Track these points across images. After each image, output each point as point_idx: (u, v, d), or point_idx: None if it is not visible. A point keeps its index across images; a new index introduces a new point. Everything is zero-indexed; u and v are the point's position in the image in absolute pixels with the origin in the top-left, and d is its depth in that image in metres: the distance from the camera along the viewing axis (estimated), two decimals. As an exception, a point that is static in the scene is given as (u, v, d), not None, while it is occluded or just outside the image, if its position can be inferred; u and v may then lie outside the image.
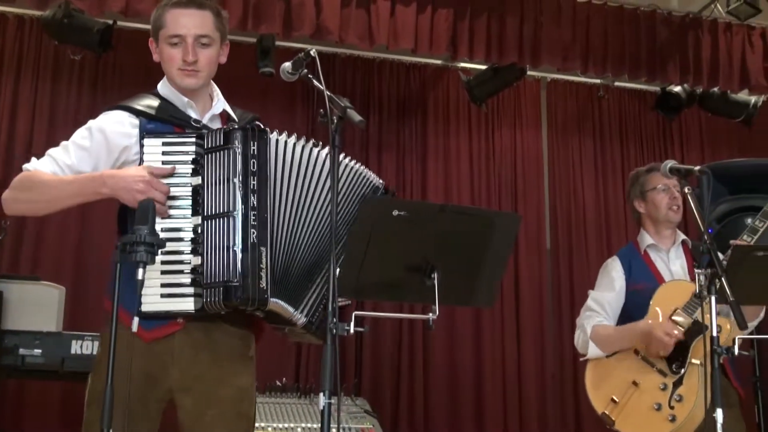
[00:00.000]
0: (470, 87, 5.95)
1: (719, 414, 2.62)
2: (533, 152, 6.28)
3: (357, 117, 2.33)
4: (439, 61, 6.14)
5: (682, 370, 3.38)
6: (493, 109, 6.22)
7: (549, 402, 5.82)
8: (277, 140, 2.51)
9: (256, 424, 2.81)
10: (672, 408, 3.37)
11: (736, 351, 2.74)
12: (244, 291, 2.37)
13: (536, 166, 6.27)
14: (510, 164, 6.21)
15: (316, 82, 2.43)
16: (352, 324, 2.23)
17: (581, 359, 3.71)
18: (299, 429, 4.32)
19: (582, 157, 6.35)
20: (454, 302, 2.55)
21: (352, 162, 2.61)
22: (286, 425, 4.35)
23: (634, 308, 3.59)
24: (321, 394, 2.18)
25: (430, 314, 2.34)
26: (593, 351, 3.61)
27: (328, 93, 2.35)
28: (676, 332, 3.37)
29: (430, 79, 6.21)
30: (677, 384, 3.38)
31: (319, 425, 2.22)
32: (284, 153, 2.50)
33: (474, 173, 6.13)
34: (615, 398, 3.52)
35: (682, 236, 3.76)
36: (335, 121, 2.34)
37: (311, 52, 2.46)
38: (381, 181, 2.69)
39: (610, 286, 3.72)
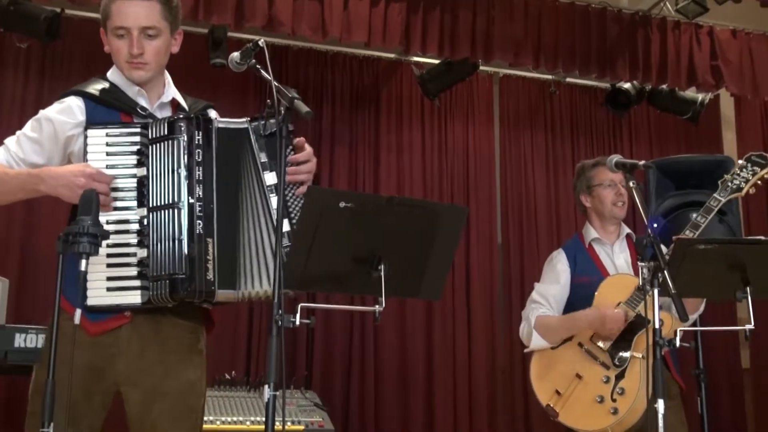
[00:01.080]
0: (423, 81, 5.96)
1: (660, 405, 2.66)
2: (485, 146, 6.31)
3: (304, 108, 2.33)
4: (392, 55, 6.14)
5: (625, 364, 3.44)
6: (445, 104, 6.24)
7: (499, 395, 5.87)
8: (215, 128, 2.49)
9: (205, 418, 2.79)
10: (614, 401, 3.42)
11: (678, 343, 2.79)
12: (191, 283, 2.36)
13: (488, 161, 6.30)
14: (462, 158, 6.24)
15: (264, 73, 2.42)
16: (297, 316, 2.23)
17: (525, 351, 3.76)
18: (248, 422, 4.30)
19: (533, 151, 6.40)
20: (401, 294, 2.56)
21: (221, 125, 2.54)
22: (235, 419, 4.33)
23: (578, 301, 3.64)
24: (266, 387, 2.18)
25: (377, 306, 2.35)
26: (537, 341, 3.67)
27: (276, 84, 2.35)
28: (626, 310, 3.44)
29: (383, 73, 6.21)
30: (619, 377, 3.44)
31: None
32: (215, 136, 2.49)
33: (426, 167, 6.15)
34: (559, 390, 3.56)
35: (627, 230, 3.82)
36: (282, 112, 2.33)
37: (260, 43, 2.45)
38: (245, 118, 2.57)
39: (555, 279, 3.77)
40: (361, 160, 6.02)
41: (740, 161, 3.60)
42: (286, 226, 2.41)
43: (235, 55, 2.49)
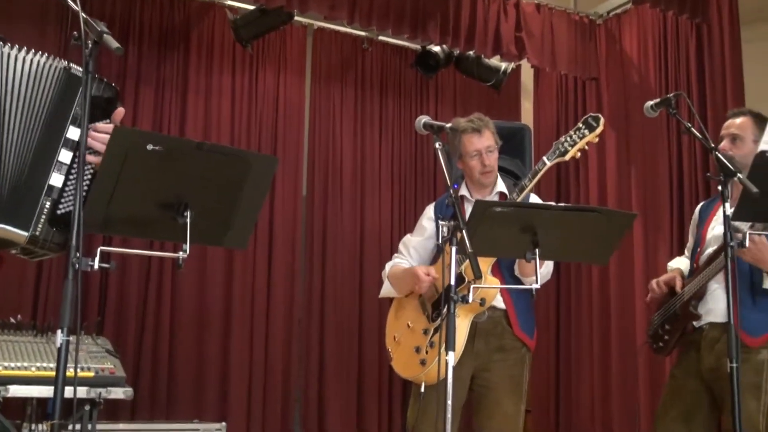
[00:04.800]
0: (236, 26, 5.83)
1: (450, 357, 2.80)
2: (295, 98, 6.28)
3: (114, 43, 2.23)
4: (206, -4, 5.96)
5: (439, 318, 3.56)
6: (258, 51, 6.14)
7: (294, 345, 5.94)
8: (8, 54, 2.34)
9: (-14, 362, 2.65)
10: (426, 353, 3.56)
11: (471, 299, 2.94)
12: None
13: (298, 112, 6.28)
14: (272, 108, 6.18)
15: (71, 3, 2.28)
16: (96, 260, 2.16)
17: (379, 296, 3.96)
18: (33, 368, 4.12)
19: (343, 106, 6.44)
20: (206, 242, 2.54)
21: (31, 54, 2.43)
22: (20, 364, 4.14)
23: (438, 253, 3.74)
24: (59, 332, 2.10)
25: (180, 253, 2.31)
26: (385, 288, 3.87)
27: (84, 15, 2.22)
28: (434, 273, 3.55)
29: (194, 14, 6.01)
30: (436, 330, 3.56)
31: (55, 364, 2.14)
32: (15, 67, 2.34)
33: (235, 114, 6.04)
34: (396, 336, 3.71)
35: (501, 188, 3.85)
36: (90, 45, 2.22)
37: (67, -30, 2.31)
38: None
39: (420, 231, 3.90)
40: (167, 102, 5.83)
41: (581, 120, 3.64)
42: (57, 182, 2.33)
43: (40, -19, 2.34)
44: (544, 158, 3.61)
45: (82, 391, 4.06)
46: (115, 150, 2.20)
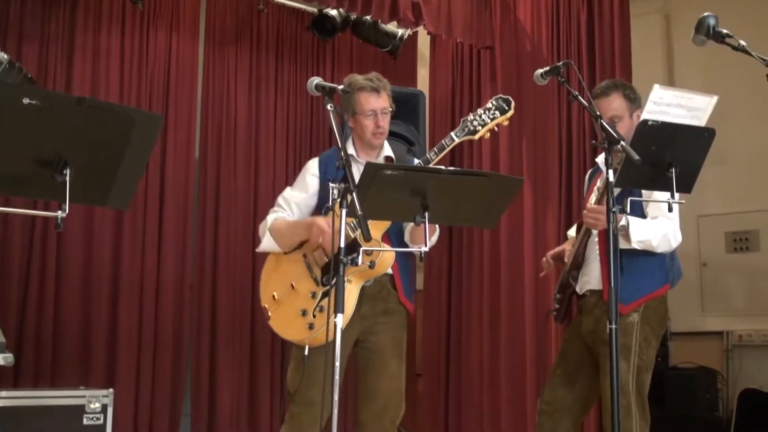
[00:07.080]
0: (126, -18, 5.64)
1: (339, 319, 2.81)
2: (188, 59, 6.12)
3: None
4: (93, -50, 5.73)
5: (331, 283, 3.54)
6: (149, 10, 5.94)
7: (186, 309, 5.85)
8: None
9: None
10: (314, 317, 3.55)
11: (360, 262, 2.95)
12: None
13: (191, 74, 6.12)
14: (164, 69, 6.00)
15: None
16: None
17: (257, 250, 3.85)
18: None
19: (237, 69, 6.32)
20: (88, 201, 2.47)
21: None
22: None
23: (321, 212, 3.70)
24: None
25: (59, 212, 2.24)
26: (266, 243, 3.74)
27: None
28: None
29: (82, -32, 5.78)
30: (325, 295, 3.54)
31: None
32: None
33: (125, 75, 5.84)
34: (275, 295, 3.65)
35: (388, 152, 3.84)
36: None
37: None
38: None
39: (303, 187, 3.81)
40: (52, 61, 5.57)
41: (491, 101, 3.68)
42: None
43: None
44: (452, 134, 3.66)
45: (-42, 358, 3.91)
46: (-12, 104, 2.10)
